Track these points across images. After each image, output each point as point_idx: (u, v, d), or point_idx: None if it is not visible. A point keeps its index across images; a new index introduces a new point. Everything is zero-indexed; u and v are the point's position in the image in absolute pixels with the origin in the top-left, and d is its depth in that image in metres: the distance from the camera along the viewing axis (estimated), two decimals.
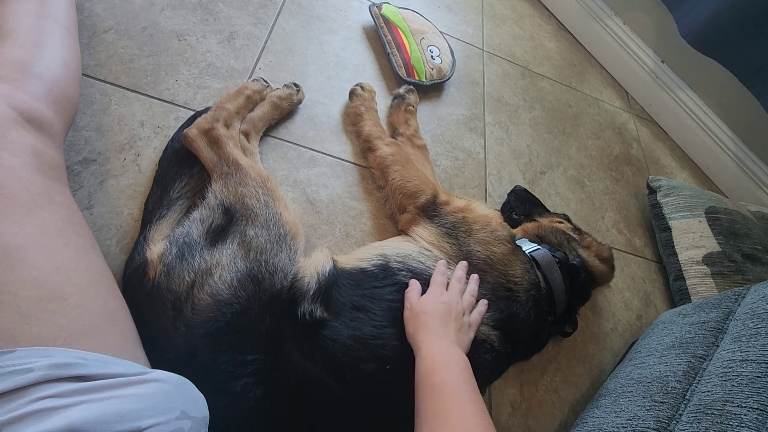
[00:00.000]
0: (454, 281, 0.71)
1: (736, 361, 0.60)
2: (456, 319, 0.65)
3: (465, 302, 0.69)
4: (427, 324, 0.62)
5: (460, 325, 0.65)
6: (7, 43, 0.58)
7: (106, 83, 0.80)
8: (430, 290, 0.68)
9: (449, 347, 0.60)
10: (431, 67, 1.11)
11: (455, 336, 0.63)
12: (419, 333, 0.61)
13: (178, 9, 0.94)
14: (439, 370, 0.56)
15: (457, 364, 0.58)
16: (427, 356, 0.58)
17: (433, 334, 0.61)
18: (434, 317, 0.63)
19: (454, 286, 0.70)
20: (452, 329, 0.63)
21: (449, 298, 0.67)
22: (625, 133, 1.45)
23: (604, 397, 0.75)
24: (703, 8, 1.24)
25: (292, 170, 0.87)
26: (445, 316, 0.64)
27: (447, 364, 0.57)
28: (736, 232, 1.09)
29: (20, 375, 0.35)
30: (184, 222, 0.65)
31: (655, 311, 1.07)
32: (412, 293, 0.67)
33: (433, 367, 0.56)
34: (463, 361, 0.59)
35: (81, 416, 0.35)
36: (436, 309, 0.64)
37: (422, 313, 0.63)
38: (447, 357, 0.58)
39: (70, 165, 0.71)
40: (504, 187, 1.08)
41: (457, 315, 0.65)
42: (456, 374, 0.56)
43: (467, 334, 0.66)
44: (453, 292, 0.69)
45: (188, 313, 0.55)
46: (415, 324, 0.63)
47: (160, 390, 0.42)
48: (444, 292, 0.68)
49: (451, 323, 0.64)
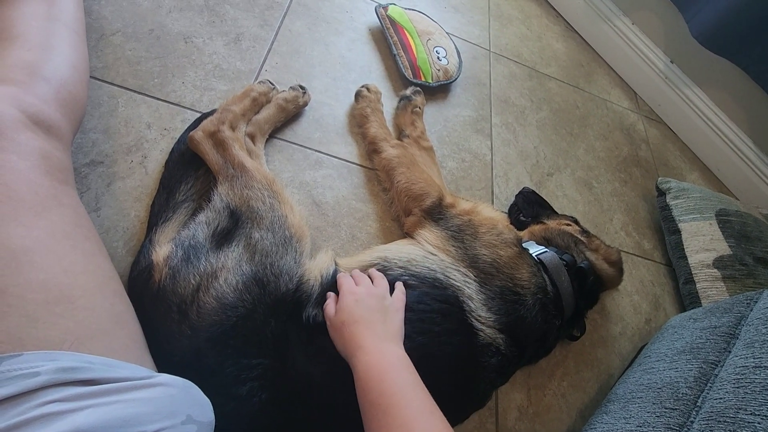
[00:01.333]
0: (357, 276, 0.67)
1: (749, 368, 0.58)
2: (378, 311, 0.61)
3: (380, 287, 0.65)
4: (351, 334, 0.58)
5: (385, 314, 0.61)
6: (16, 46, 0.58)
7: (113, 85, 0.80)
8: (341, 296, 0.63)
9: (380, 349, 0.56)
10: (438, 68, 1.10)
11: (383, 330, 0.59)
12: (347, 348, 0.57)
13: (185, 11, 0.94)
14: (374, 383, 0.52)
15: (392, 366, 0.54)
16: (360, 371, 0.54)
17: (360, 343, 0.56)
18: (356, 323, 0.59)
19: (359, 279, 0.66)
20: (378, 324, 0.59)
21: (362, 293, 0.62)
22: (633, 134, 1.44)
23: (613, 403, 0.74)
24: (714, 8, 1.22)
25: (298, 172, 0.87)
26: (366, 315, 0.59)
27: (380, 371, 0.53)
28: (748, 235, 1.07)
29: (27, 379, 0.35)
30: (189, 225, 0.65)
31: (664, 315, 1.06)
32: (327, 307, 0.63)
33: (368, 381, 0.53)
34: (396, 357, 0.56)
35: (87, 421, 0.35)
36: (353, 313, 0.60)
37: (342, 325, 0.59)
38: (379, 363, 0.54)
39: (77, 167, 0.71)
40: (511, 188, 1.07)
41: (377, 305, 0.61)
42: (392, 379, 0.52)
43: (394, 316, 0.62)
44: (363, 284, 0.65)
45: (194, 317, 0.55)
46: (339, 340, 0.59)
47: (165, 394, 0.42)
48: (354, 289, 0.64)
49: (374, 318, 0.59)
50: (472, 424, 0.76)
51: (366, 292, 0.63)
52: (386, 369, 0.54)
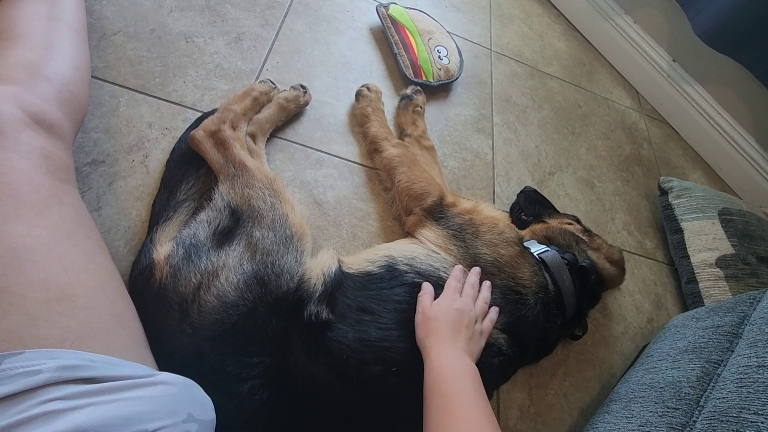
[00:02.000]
0: (468, 287, 0.70)
1: (752, 367, 0.58)
2: (467, 327, 0.64)
3: (478, 309, 0.68)
4: (438, 330, 0.61)
5: (472, 333, 0.64)
6: (18, 46, 0.58)
7: (114, 85, 0.81)
8: (444, 295, 0.67)
9: (459, 356, 0.59)
10: (439, 67, 1.10)
11: (466, 344, 0.62)
12: (429, 339, 0.61)
13: (186, 11, 0.94)
14: (448, 379, 0.55)
15: (467, 374, 0.57)
16: (436, 364, 0.57)
17: (443, 342, 0.60)
18: (446, 324, 0.62)
19: (467, 292, 0.69)
20: (463, 337, 0.62)
21: (462, 305, 0.66)
22: (635, 133, 1.43)
23: (615, 402, 0.73)
24: (717, 5, 1.22)
25: (299, 171, 0.87)
26: (456, 324, 0.63)
27: (456, 373, 0.56)
28: (751, 234, 1.07)
29: (28, 377, 0.35)
30: (190, 223, 0.65)
31: (666, 314, 1.06)
32: (424, 297, 0.66)
33: (443, 375, 0.56)
34: (473, 370, 0.58)
35: (88, 419, 0.35)
36: (448, 315, 0.63)
37: (434, 319, 0.62)
38: (456, 366, 0.57)
39: (79, 166, 0.71)
40: (512, 188, 1.07)
41: (468, 323, 0.64)
42: (465, 384, 0.55)
43: (478, 342, 0.65)
44: (466, 299, 0.68)
45: (195, 315, 0.55)
46: (426, 329, 0.62)
47: (167, 392, 0.42)
48: (457, 297, 0.67)
49: (462, 331, 0.63)
50: None
51: (465, 307, 0.66)
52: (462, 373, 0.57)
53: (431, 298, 0.67)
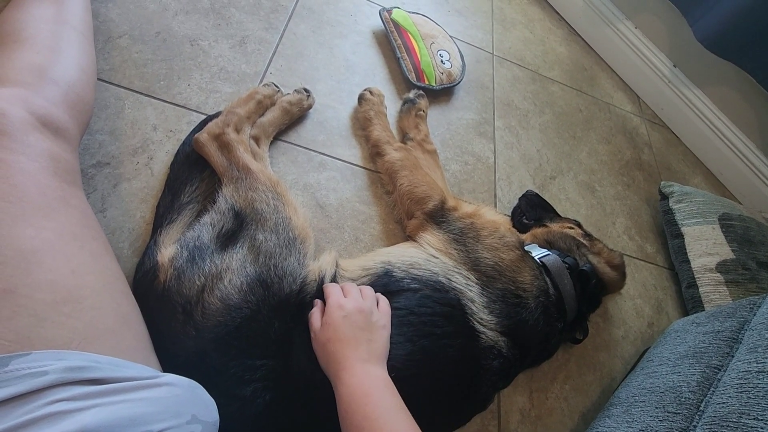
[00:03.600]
0: (347, 286, 0.65)
1: (752, 373, 0.58)
2: (365, 328, 0.59)
3: (368, 299, 0.63)
4: (335, 354, 0.56)
5: (371, 331, 0.59)
6: (25, 49, 0.59)
7: (120, 87, 0.81)
8: (328, 308, 0.61)
9: (363, 372, 0.55)
10: (441, 71, 1.11)
11: (367, 351, 0.57)
12: (330, 367, 0.56)
13: (191, 14, 0.95)
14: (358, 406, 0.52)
15: (376, 389, 0.54)
16: (343, 393, 0.53)
17: (344, 364, 0.55)
18: (340, 342, 0.57)
19: (349, 291, 0.64)
20: (362, 344, 0.57)
21: (351, 306, 0.60)
22: (636, 137, 1.44)
23: (616, 407, 0.74)
24: (719, 11, 1.22)
25: (302, 174, 0.87)
26: (351, 334, 0.58)
27: (365, 394, 0.52)
28: (751, 240, 1.07)
29: (35, 378, 0.35)
30: (194, 226, 0.65)
31: (667, 319, 1.06)
32: (313, 317, 0.61)
33: (351, 403, 0.52)
34: (380, 380, 0.55)
35: (94, 420, 0.36)
36: (338, 330, 0.58)
37: (327, 342, 0.57)
38: (362, 386, 0.53)
39: (84, 168, 0.72)
40: (514, 192, 1.07)
41: (364, 322, 0.60)
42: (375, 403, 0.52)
43: (381, 334, 0.60)
44: (352, 297, 0.62)
45: (198, 317, 0.55)
46: (324, 356, 0.57)
47: (171, 394, 0.42)
48: (342, 301, 0.61)
49: (360, 337, 0.58)
50: (474, 427, 0.76)
51: (354, 306, 0.61)
52: (370, 392, 0.53)
53: (320, 314, 0.61)
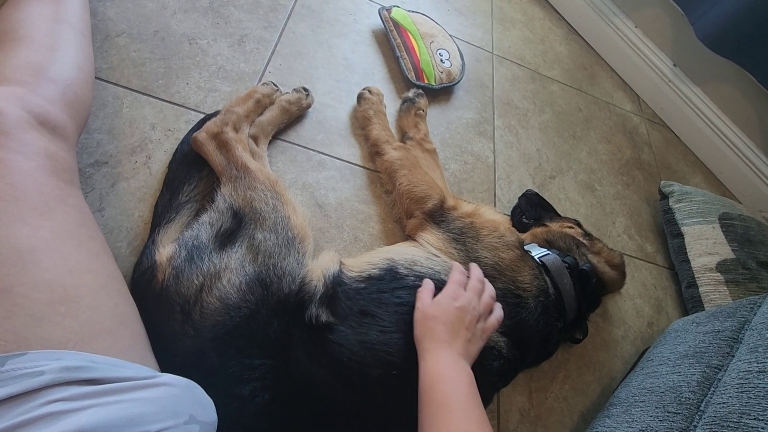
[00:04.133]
0: (474, 280, 0.67)
1: (752, 372, 0.58)
2: (468, 328, 0.61)
3: (483, 305, 0.65)
4: (435, 331, 0.59)
5: (472, 334, 0.62)
6: (23, 47, 0.59)
7: (118, 86, 0.81)
8: (446, 290, 0.64)
9: (455, 360, 0.57)
10: (440, 70, 1.10)
11: (463, 347, 0.60)
12: (425, 340, 0.59)
13: (190, 13, 0.95)
14: (443, 385, 0.54)
15: (462, 380, 0.55)
16: (431, 368, 0.56)
17: (439, 344, 0.58)
18: (444, 324, 0.60)
19: (473, 285, 0.66)
20: (461, 339, 0.60)
21: (465, 302, 0.63)
22: (636, 137, 1.44)
23: (615, 407, 0.73)
24: (720, 10, 1.22)
25: (301, 173, 0.87)
26: (456, 324, 0.60)
27: (451, 378, 0.55)
28: (751, 239, 1.07)
29: (31, 378, 0.35)
30: (193, 225, 0.65)
31: (667, 319, 1.06)
32: (424, 293, 0.64)
33: (438, 380, 0.54)
34: (468, 375, 0.57)
35: (91, 420, 0.35)
36: (447, 315, 0.61)
37: (432, 318, 0.60)
38: (452, 371, 0.56)
39: (82, 167, 0.71)
40: (513, 191, 1.07)
41: (470, 322, 0.62)
42: (460, 390, 0.54)
43: (477, 343, 0.63)
44: (470, 294, 0.64)
45: (197, 317, 0.55)
46: (423, 329, 0.60)
47: (169, 394, 0.42)
48: (461, 293, 0.64)
49: (461, 332, 0.60)
50: None
51: (468, 304, 0.63)
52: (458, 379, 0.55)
53: (431, 294, 0.64)
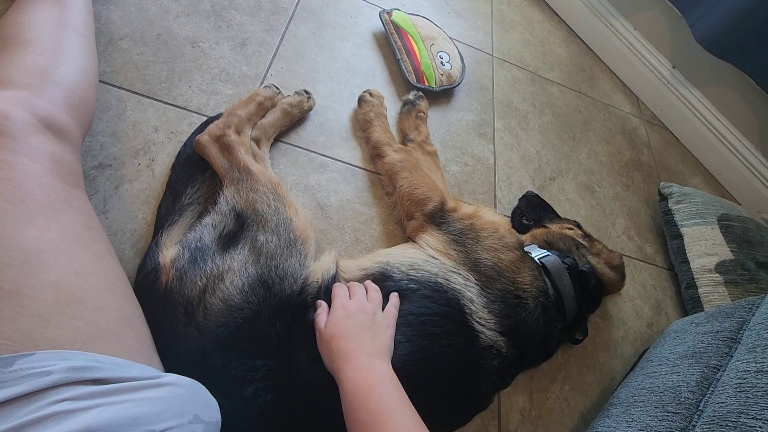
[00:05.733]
0: (353, 287, 0.67)
1: (751, 372, 0.59)
2: (368, 327, 0.60)
3: (373, 302, 0.65)
4: (339, 349, 0.57)
5: (375, 330, 0.61)
6: (28, 51, 0.59)
7: (121, 89, 0.82)
8: (333, 308, 0.63)
9: (367, 366, 0.56)
10: (441, 73, 1.11)
11: (371, 346, 0.58)
12: (335, 362, 0.57)
13: (192, 16, 0.95)
14: (362, 400, 0.52)
15: (379, 383, 0.54)
16: (347, 387, 0.53)
17: (348, 358, 0.56)
18: (344, 338, 0.58)
19: (355, 291, 0.66)
20: (367, 340, 0.59)
21: (354, 308, 0.62)
22: (635, 138, 1.44)
23: (615, 407, 0.74)
24: (718, 12, 1.23)
25: (303, 176, 0.88)
26: (356, 331, 0.59)
27: (368, 388, 0.53)
28: (750, 240, 1.08)
29: (39, 378, 0.36)
30: (196, 227, 0.65)
31: (666, 319, 1.06)
32: (319, 318, 0.62)
33: (356, 397, 0.52)
34: (384, 374, 0.56)
35: (97, 419, 0.36)
36: (343, 328, 0.59)
37: (331, 339, 0.58)
38: (367, 380, 0.54)
39: (86, 170, 0.72)
40: (513, 193, 1.07)
41: (367, 321, 0.61)
42: (379, 397, 0.52)
43: (385, 332, 0.61)
44: (356, 298, 0.64)
45: (200, 318, 0.55)
46: (328, 353, 0.58)
47: (173, 394, 0.43)
48: (347, 303, 0.63)
49: (364, 334, 0.59)
50: (475, 427, 0.76)
51: (357, 307, 0.62)
52: (373, 385, 0.53)
53: (325, 314, 0.63)
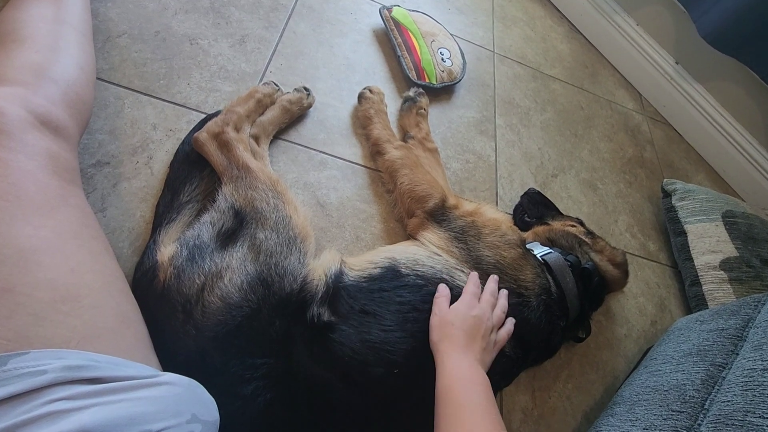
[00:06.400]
0: (487, 294, 0.69)
1: (757, 370, 0.58)
2: (483, 337, 0.63)
3: (495, 318, 0.67)
4: (453, 336, 0.61)
5: (486, 343, 0.64)
6: (24, 48, 0.59)
7: (119, 87, 0.81)
8: (462, 300, 0.67)
9: (472, 365, 0.59)
10: (442, 69, 1.10)
11: (480, 354, 0.62)
12: (444, 344, 0.60)
13: (191, 13, 0.95)
14: (461, 388, 0.55)
15: (480, 385, 0.57)
16: (450, 370, 0.57)
17: (457, 348, 0.60)
18: (462, 330, 0.61)
19: (486, 299, 0.68)
20: (478, 346, 0.62)
21: (480, 312, 0.65)
22: (638, 135, 1.43)
23: (619, 405, 0.73)
24: (722, 7, 1.21)
25: (303, 173, 0.87)
26: (473, 331, 0.62)
27: (471, 382, 0.56)
28: (755, 237, 1.07)
29: (34, 377, 0.35)
30: (194, 225, 0.65)
31: (670, 317, 1.05)
32: (441, 300, 0.66)
33: (456, 382, 0.56)
34: (486, 382, 0.58)
35: (93, 419, 0.35)
36: (465, 322, 0.63)
37: (450, 324, 0.62)
38: (470, 375, 0.57)
39: (83, 168, 0.71)
40: (515, 190, 1.07)
41: (485, 332, 0.64)
42: (478, 394, 0.55)
43: (491, 353, 0.65)
44: (485, 306, 0.67)
45: (198, 316, 0.55)
46: (441, 333, 0.62)
47: (171, 393, 0.42)
48: (476, 304, 0.66)
49: (477, 340, 0.62)
50: None
51: (483, 314, 0.65)
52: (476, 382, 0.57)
53: (447, 301, 0.66)
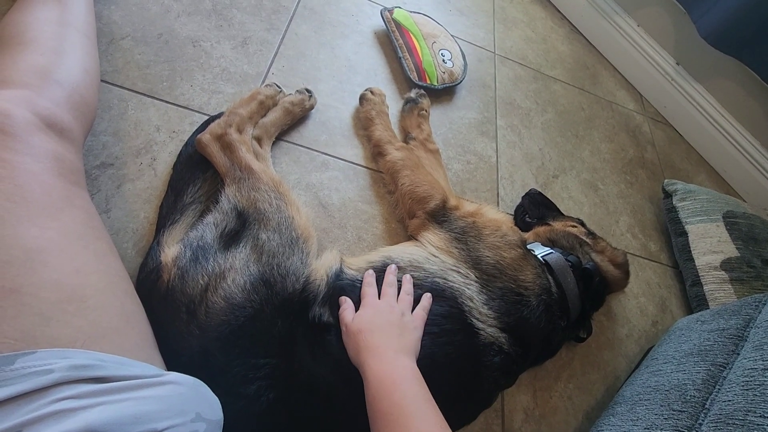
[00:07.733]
0: (386, 287, 0.68)
1: (758, 370, 0.58)
2: (397, 325, 0.62)
3: (402, 303, 0.66)
4: (366, 342, 0.58)
5: (402, 329, 0.62)
6: (29, 51, 0.60)
7: (123, 89, 0.82)
8: (362, 305, 0.65)
9: (393, 360, 0.57)
10: (443, 70, 1.11)
11: (398, 343, 0.59)
12: (360, 355, 0.58)
13: (193, 15, 0.95)
14: (386, 393, 0.53)
15: (405, 378, 0.55)
16: (372, 379, 0.54)
17: (374, 352, 0.57)
18: (372, 333, 0.59)
19: (386, 292, 0.67)
20: (394, 337, 0.60)
21: (384, 306, 0.64)
22: (639, 136, 1.43)
23: (620, 405, 0.73)
24: (723, 7, 1.22)
25: (305, 174, 0.88)
26: (385, 327, 0.60)
27: (393, 382, 0.54)
28: (756, 237, 1.07)
29: (41, 376, 0.36)
30: (197, 226, 0.65)
31: (671, 317, 1.05)
32: (345, 313, 0.63)
33: (380, 390, 0.53)
34: (410, 370, 0.56)
35: (99, 417, 0.36)
36: (372, 323, 0.60)
37: (359, 333, 0.59)
38: (392, 374, 0.55)
39: (88, 169, 0.72)
40: (516, 191, 1.07)
41: (396, 320, 0.62)
42: (404, 391, 0.53)
43: (412, 333, 0.62)
44: (387, 299, 0.66)
45: (202, 317, 0.55)
46: (354, 346, 0.59)
47: (175, 392, 0.43)
48: (376, 302, 0.65)
49: (392, 332, 0.60)
50: (479, 425, 0.76)
51: (386, 306, 0.64)
52: (398, 380, 0.54)
53: (352, 311, 0.64)
